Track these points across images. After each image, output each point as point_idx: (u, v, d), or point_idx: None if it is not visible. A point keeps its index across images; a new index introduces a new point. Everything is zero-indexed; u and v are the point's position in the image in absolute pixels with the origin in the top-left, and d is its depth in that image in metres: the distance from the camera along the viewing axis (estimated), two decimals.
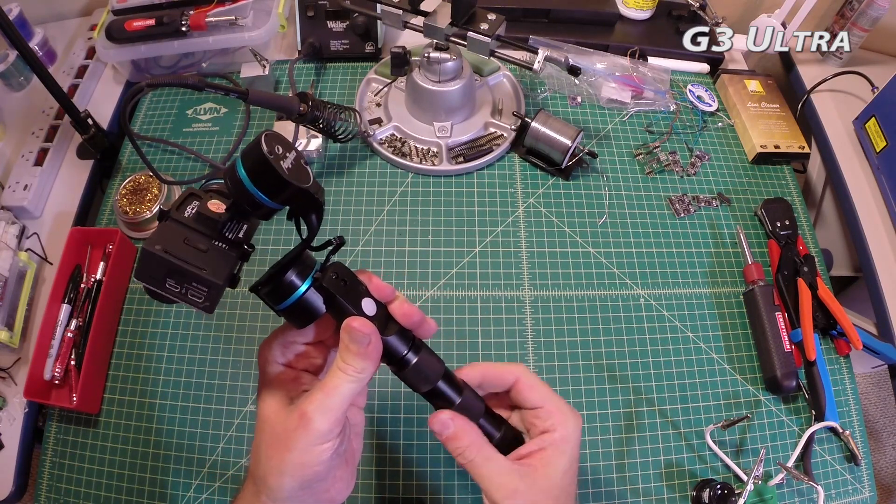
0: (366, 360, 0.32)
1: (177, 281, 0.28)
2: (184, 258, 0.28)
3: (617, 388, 0.60)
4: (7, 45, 0.73)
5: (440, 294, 0.64)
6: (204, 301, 0.28)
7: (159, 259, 0.27)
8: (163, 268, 0.27)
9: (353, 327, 0.31)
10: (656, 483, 0.56)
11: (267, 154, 0.26)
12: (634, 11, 0.86)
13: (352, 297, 0.32)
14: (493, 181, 0.72)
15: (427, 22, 0.64)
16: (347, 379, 0.31)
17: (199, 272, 0.27)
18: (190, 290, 0.28)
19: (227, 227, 0.30)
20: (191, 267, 0.27)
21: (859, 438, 0.60)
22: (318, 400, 0.31)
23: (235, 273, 0.31)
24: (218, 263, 0.29)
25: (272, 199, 0.28)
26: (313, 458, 0.31)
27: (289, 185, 0.27)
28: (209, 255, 0.29)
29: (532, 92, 0.80)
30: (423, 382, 0.34)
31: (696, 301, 0.65)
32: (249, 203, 0.28)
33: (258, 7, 0.76)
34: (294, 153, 0.28)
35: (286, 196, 0.28)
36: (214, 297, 0.28)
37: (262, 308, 0.63)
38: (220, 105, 0.79)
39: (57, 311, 0.61)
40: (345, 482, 0.35)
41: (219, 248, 0.30)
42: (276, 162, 0.26)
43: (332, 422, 0.31)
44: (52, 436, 0.59)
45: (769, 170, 0.76)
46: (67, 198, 0.72)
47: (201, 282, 0.28)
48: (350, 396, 0.32)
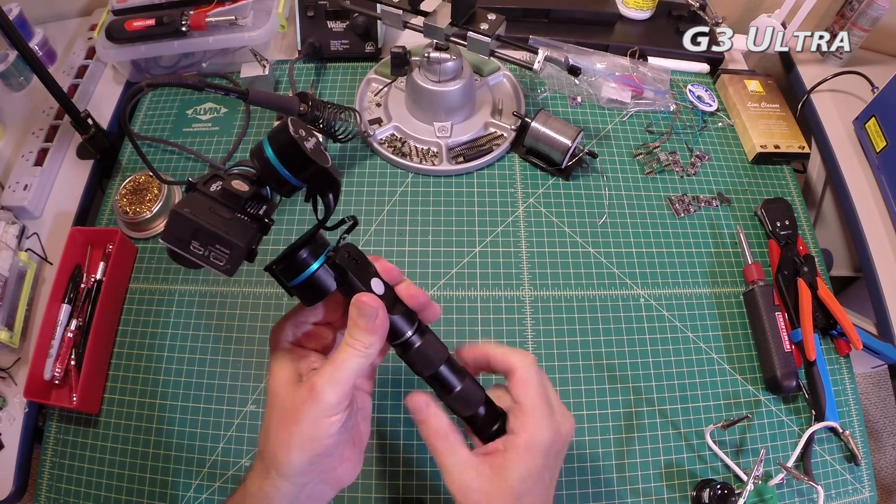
0: (373, 334, 0.33)
1: (201, 243, 0.29)
2: (210, 222, 0.29)
3: (617, 388, 0.60)
4: (7, 45, 0.72)
5: (440, 294, 0.64)
6: (226, 264, 0.30)
7: (188, 220, 0.29)
8: (190, 229, 0.29)
9: (363, 301, 0.33)
10: (656, 483, 0.56)
11: (293, 134, 0.29)
12: (634, 11, 0.86)
13: (362, 275, 0.34)
14: (493, 181, 0.72)
15: (427, 22, 0.64)
16: (356, 353, 0.33)
17: (225, 234, 0.29)
18: (213, 253, 0.29)
19: (249, 203, 0.32)
20: (216, 229, 0.29)
21: (859, 438, 0.60)
22: (328, 373, 0.32)
23: (254, 247, 0.32)
24: (240, 230, 0.30)
25: (295, 176, 0.30)
26: (322, 431, 0.32)
27: (312, 162, 0.30)
28: (232, 222, 0.30)
29: (532, 92, 0.80)
30: (426, 366, 0.35)
31: (696, 301, 0.65)
32: (275, 180, 0.31)
33: (258, 7, 0.76)
34: (315, 138, 0.31)
35: (308, 174, 0.31)
36: (236, 260, 0.30)
37: (262, 308, 0.63)
38: (220, 105, 0.79)
39: (57, 311, 0.61)
40: (352, 463, 0.36)
41: (241, 219, 0.31)
42: (301, 142, 0.29)
43: (340, 394, 0.32)
44: (52, 436, 0.59)
45: (769, 170, 0.76)
46: (67, 198, 0.72)
47: (225, 244, 0.29)
48: (357, 371, 0.33)
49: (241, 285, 0.65)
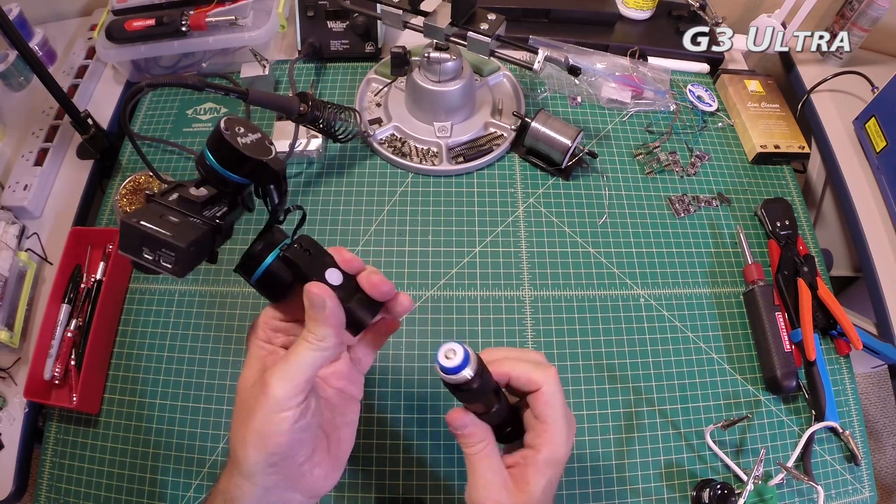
0: (324, 325, 0.32)
1: (150, 249, 0.30)
2: (155, 227, 0.29)
3: (617, 388, 0.60)
4: (7, 45, 0.72)
5: (440, 294, 0.64)
6: (174, 265, 0.30)
7: (133, 228, 0.29)
8: (137, 236, 0.29)
9: (309, 291, 0.32)
10: (656, 483, 0.56)
11: (223, 131, 0.30)
12: (634, 11, 0.86)
13: (315, 266, 0.33)
14: (493, 181, 0.72)
15: (427, 22, 0.64)
16: (308, 347, 0.32)
17: (166, 237, 0.29)
18: (162, 257, 0.30)
19: (207, 207, 0.32)
20: (159, 234, 0.29)
21: (859, 438, 0.60)
22: (279, 368, 0.32)
23: (213, 249, 0.33)
24: (185, 232, 0.30)
25: (233, 172, 0.31)
26: (273, 428, 0.31)
27: (244, 157, 0.30)
28: (180, 226, 0.31)
29: (532, 92, 0.80)
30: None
31: (696, 301, 0.65)
32: (218, 179, 0.31)
33: (258, 7, 0.76)
34: (258, 134, 0.32)
35: (246, 169, 0.31)
36: (182, 262, 0.30)
37: (261, 308, 0.63)
38: (220, 105, 0.79)
39: (57, 311, 0.61)
40: (325, 470, 0.35)
41: (191, 222, 0.31)
42: (233, 138, 0.30)
43: (289, 388, 0.31)
44: (52, 436, 0.59)
45: (769, 170, 0.76)
46: (67, 198, 0.72)
47: (168, 246, 0.29)
48: (311, 364, 0.32)
49: (242, 285, 0.65)
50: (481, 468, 0.34)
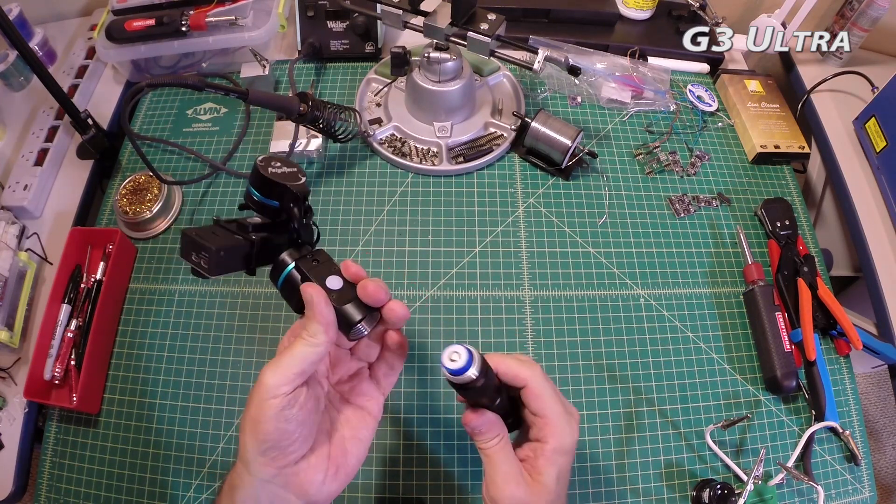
0: (313, 322, 0.34)
1: (196, 253, 0.35)
2: (200, 237, 0.35)
3: (617, 388, 0.60)
4: (7, 45, 0.72)
5: (440, 294, 0.64)
6: (205, 264, 0.35)
7: (186, 237, 0.36)
8: (188, 243, 0.35)
9: (303, 290, 0.35)
10: (656, 483, 0.56)
11: (258, 163, 0.37)
12: (634, 11, 0.86)
13: (319, 273, 0.37)
14: (493, 181, 0.72)
15: (427, 22, 0.64)
16: (301, 342, 0.34)
17: (203, 241, 0.35)
18: (202, 259, 0.35)
19: (252, 230, 0.38)
20: (200, 240, 0.35)
21: (859, 438, 0.60)
22: (273, 360, 0.34)
23: (250, 263, 0.38)
24: (220, 241, 0.36)
25: (262, 194, 0.37)
26: (262, 413, 0.33)
27: (268, 181, 0.36)
28: (219, 237, 0.36)
29: (532, 92, 0.80)
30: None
31: (696, 301, 0.65)
32: (254, 203, 0.38)
33: (258, 7, 0.76)
34: (292, 168, 0.38)
35: (274, 193, 0.37)
36: (212, 262, 0.35)
37: (261, 308, 0.64)
38: (220, 105, 0.79)
39: (57, 311, 0.61)
40: (321, 474, 0.36)
41: (231, 236, 0.37)
42: (264, 169, 0.36)
43: (278, 377, 0.33)
44: (52, 436, 0.59)
45: (769, 170, 0.76)
46: (67, 198, 0.72)
47: (205, 249, 0.35)
48: (302, 358, 0.34)
49: (241, 285, 0.65)
50: (498, 461, 0.36)
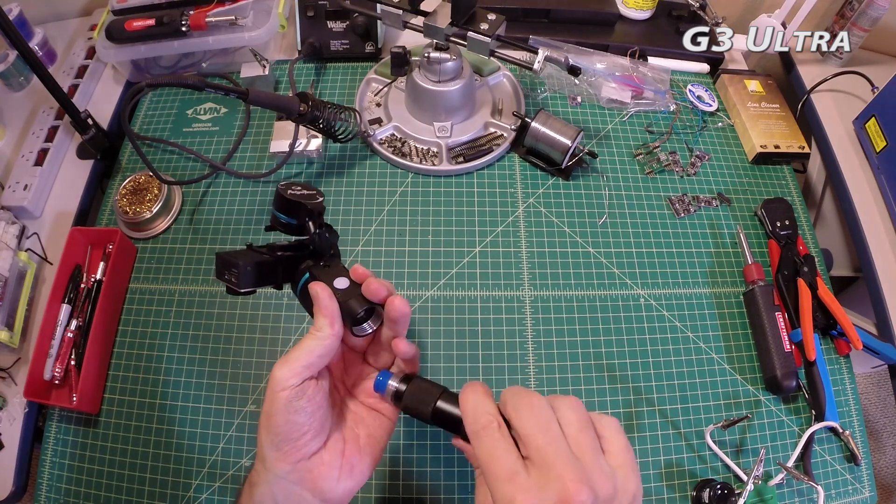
0: (320, 316, 0.36)
1: (228, 271, 0.39)
2: (231, 255, 0.39)
3: (617, 388, 0.60)
4: (7, 45, 0.73)
5: (440, 294, 0.64)
6: (235, 279, 0.38)
7: (220, 258, 0.39)
8: (221, 263, 0.39)
9: (310, 287, 0.37)
10: (656, 483, 0.56)
11: (280, 185, 0.41)
12: (634, 11, 0.86)
13: (328, 275, 0.39)
14: (493, 181, 0.72)
15: (427, 22, 0.64)
16: (308, 336, 0.36)
17: (232, 259, 0.38)
18: (233, 275, 0.38)
19: (280, 250, 0.42)
20: (230, 259, 0.38)
21: (859, 438, 0.60)
22: (283, 356, 0.35)
23: (277, 279, 0.41)
24: (248, 258, 0.39)
25: (283, 213, 0.41)
26: (273, 407, 0.34)
27: (285, 199, 0.40)
28: (248, 255, 0.40)
29: (532, 92, 0.80)
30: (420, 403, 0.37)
31: (696, 301, 0.65)
32: (277, 222, 0.42)
33: (258, 7, 0.76)
34: (312, 191, 0.42)
35: (292, 210, 0.41)
36: (240, 276, 0.38)
37: (261, 308, 0.64)
38: (220, 105, 0.79)
39: (57, 311, 0.61)
40: (336, 471, 0.36)
41: (259, 255, 0.40)
42: (284, 191, 0.41)
43: (286, 370, 0.34)
44: (52, 436, 0.59)
45: (769, 170, 0.76)
46: (67, 198, 0.72)
47: (235, 265, 0.38)
48: (310, 351, 0.35)
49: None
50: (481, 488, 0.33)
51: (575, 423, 0.30)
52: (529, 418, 0.29)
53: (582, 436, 0.29)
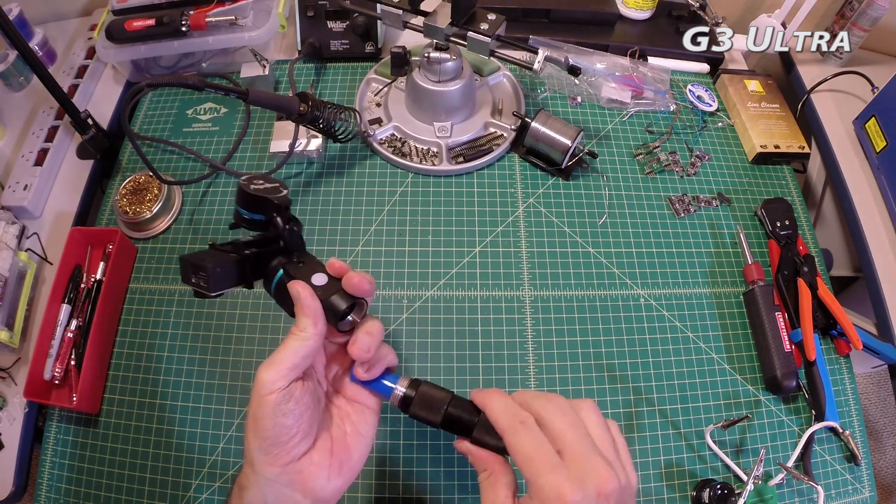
0: (302, 316, 0.36)
1: (195, 274, 0.37)
2: (196, 258, 0.37)
3: (617, 388, 0.60)
4: (7, 45, 0.73)
5: (440, 294, 0.64)
6: (205, 283, 0.37)
7: (185, 261, 0.37)
8: (187, 266, 0.37)
9: (291, 287, 0.37)
10: (656, 483, 0.56)
11: (241, 181, 0.39)
12: (634, 11, 0.86)
13: (305, 272, 0.38)
14: (493, 181, 0.72)
15: (427, 22, 0.64)
16: (292, 337, 0.35)
17: (200, 262, 0.37)
18: (201, 279, 0.37)
19: (245, 247, 0.40)
20: (197, 261, 0.37)
21: (859, 438, 0.60)
22: (268, 358, 0.35)
23: (247, 277, 0.40)
24: (215, 259, 0.37)
25: (247, 209, 0.39)
26: (260, 410, 0.34)
27: (248, 195, 0.38)
28: (214, 256, 0.38)
29: (532, 92, 0.80)
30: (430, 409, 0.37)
31: (696, 301, 0.65)
32: (241, 220, 0.40)
33: (258, 7, 0.76)
34: (274, 184, 0.40)
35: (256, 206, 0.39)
36: (210, 280, 0.37)
37: (262, 308, 0.64)
38: (220, 105, 0.79)
39: (57, 311, 0.61)
40: (326, 472, 0.36)
41: (226, 254, 0.39)
42: (246, 186, 0.38)
43: (272, 373, 0.34)
44: (52, 436, 0.59)
45: (769, 170, 0.76)
46: (67, 198, 0.72)
47: (202, 269, 0.36)
48: (294, 352, 0.35)
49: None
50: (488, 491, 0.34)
51: (596, 423, 0.34)
52: (561, 418, 0.32)
53: (605, 434, 0.33)
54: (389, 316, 0.63)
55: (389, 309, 0.63)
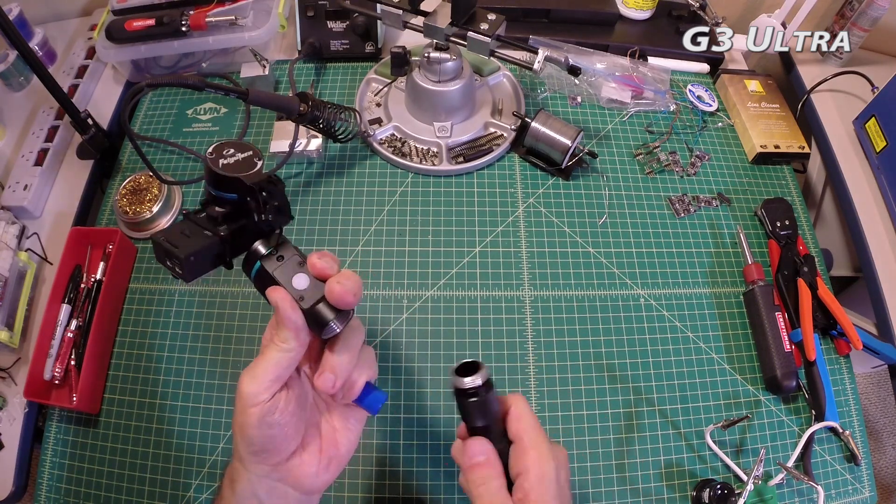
0: (283, 327, 0.34)
1: (169, 259, 0.34)
2: (170, 241, 0.34)
3: (617, 388, 0.60)
4: (7, 45, 0.72)
5: (440, 294, 0.64)
6: (180, 271, 0.34)
7: (157, 244, 0.35)
8: (160, 250, 0.34)
9: (268, 296, 0.34)
10: (656, 483, 0.56)
11: (207, 156, 0.34)
12: (634, 11, 0.86)
13: (284, 272, 0.36)
14: (493, 181, 0.72)
15: (427, 22, 0.64)
16: (274, 348, 0.34)
17: (173, 248, 0.34)
18: (176, 265, 0.34)
19: (221, 222, 0.36)
20: (169, 247, 0.34)
21: (859, 438, 0.60)
22: (249, 367, 0.34)
23: (225, 258, 0.36)
24: (190, 244, 0.34)
25: (218, 188, 0.35)
26: (245, 420, 0.34)
27: (216, 174, 0.34)
28: (190, 239, 0.35)
29: (532, 92, 0.80)
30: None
31: (696, 301, 0.65)
32: (211, 198, 0.36)
33: (258, 7, 0.76)
34: (248, 152, 0.35)
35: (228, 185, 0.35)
36: (185, 268, 0.34)
37: (261, 308, 0.63)
38: (220, 105, 0.79)
39: (57, 311, 0.61)
40: (312, 468, 0.36)
41: (202, 234, 0.35)
42: (214, 162, 0.34)
43: (255, 386, 0.33)
44: (52, 436, 0.59)
45: (769, 170, 0.76)
46: (67, 198, 0.72)
47: (175, 256, 0.34)
48: (277, 364, 0.34)
49: (241, 285, 0.65)
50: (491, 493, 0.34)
51: (566, 478, 0.36)
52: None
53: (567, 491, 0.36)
54: (389, 316, 0.63)
55: (389, 309, 0.63)
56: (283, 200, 0.37)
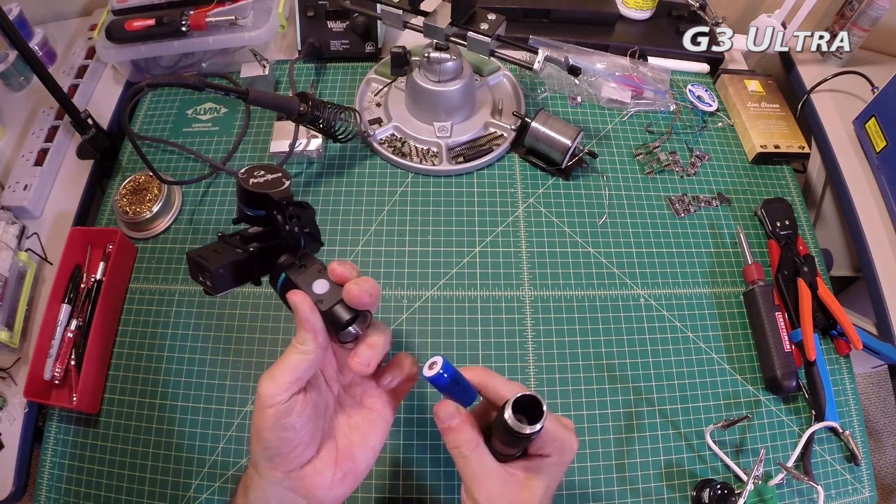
0: (303, 330, 0.34)
1: (201, 273, 0.36)
2: (203, 256, 0.36)
3: (617, 388, 0.60)
4: (7, 45, 0.73)
5: (440, 294, 0.64)
6: (210, 284, 0.36)
7: (191, 259, 0.37)
8: (194, 265, 0.37)
9: (289, 298, 0.35)
10: (656, 483, 0.56)
11: (239, 175, 0.37)
12: (634, 11, 0.86)
13: (305, 278, 0.37)
14: (493, 181, 0.72)
15: (427, 22, 0.64)
16: (293, 350, 0.35)
17: (204, 262, 0.36)
18: (207, 278, 0.36)
19: (251, 241, 0.39)
20: (201, 261, 0.36)
21: (859, 438, 0.60)
22: (269, 370, 0.35)
23: (254, 274, 0.39)
24: (220, 258, 0.36)
25: (248, 205, 0.38)
26: (262, 422, 0.34)
27: (247, 191, 0.36)
28: (220, 255, 0.37)
29: (532, 92, 0.80)
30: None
31: (696, 301, 0.65)
32: (243, 216, 0.39)
33: (258, 7, 0.76)
34: (277, 174, 0.38)
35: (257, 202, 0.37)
36: (214, 280, 0.36)
37: (262, 308, 0.63)
38: (220, 105, 0.79)
39: (57, 311, 0.61)
40: (328, 479, 0.36)
41: (233, 251, 0.38)
42: (245, 180, 0.37)
43: (272, 387, 0.33)
44: (52, 436, 0.59)
45: (769, 170, 0.76)
46: (67, 198, 0.72)
47: (206, 269, 0.36)
48: (295, 366, 0.34)
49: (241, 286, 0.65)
50: (475, 463, 0.35)
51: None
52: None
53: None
54: (389, 316, 0.63)
55: (389, 309, 0.63)
56: (314, 227, 0.39)
